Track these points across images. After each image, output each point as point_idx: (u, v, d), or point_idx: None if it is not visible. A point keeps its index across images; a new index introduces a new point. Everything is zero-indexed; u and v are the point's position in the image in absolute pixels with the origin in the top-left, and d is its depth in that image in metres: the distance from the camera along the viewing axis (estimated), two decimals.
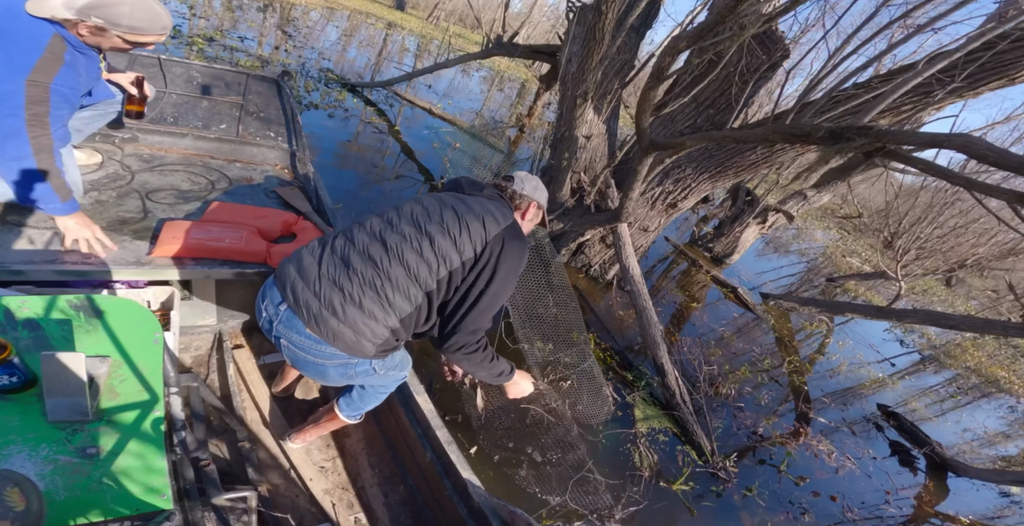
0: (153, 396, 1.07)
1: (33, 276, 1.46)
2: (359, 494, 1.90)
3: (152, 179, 2.04)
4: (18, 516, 0.72)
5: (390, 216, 1.38)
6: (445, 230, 1.31)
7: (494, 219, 1.36)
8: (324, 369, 1.36)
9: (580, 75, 3.14)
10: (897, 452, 3.99)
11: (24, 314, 1.11)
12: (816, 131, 1.83)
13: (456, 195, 1.44)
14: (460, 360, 1.38)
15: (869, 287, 8.62)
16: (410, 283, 1.28)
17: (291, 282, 1.30)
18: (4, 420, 0.95)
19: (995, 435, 5.28)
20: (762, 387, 4.11)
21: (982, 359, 7.76)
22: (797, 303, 5.71)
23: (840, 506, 3.14)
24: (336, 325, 1.25)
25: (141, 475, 0.94)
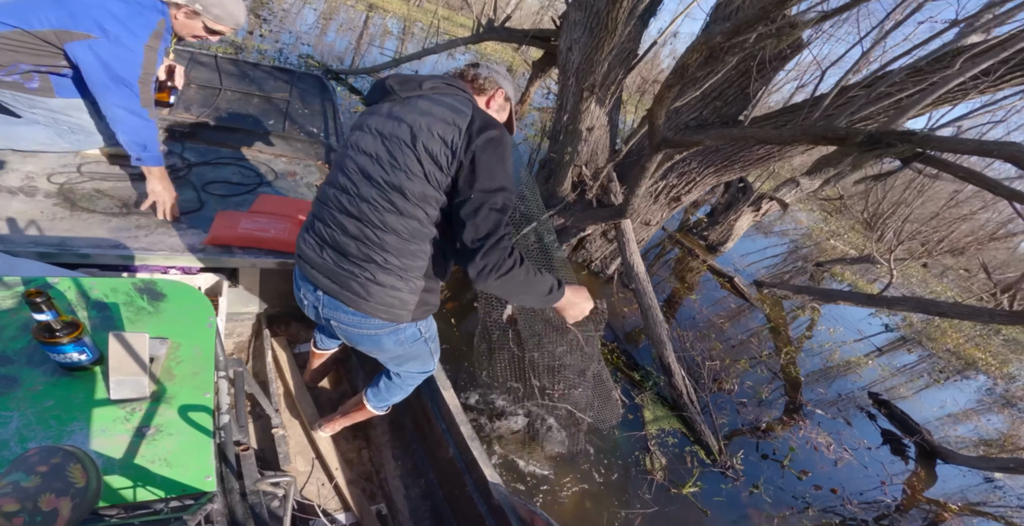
0: (205, 379, 1.10)
1: (99, 260, 1.55)
2: (381, 485, 1.94)
3: (207, 171, 2.14)
4: (77, 492, 0.73)
5: (343, 183, 1.26)
6: (407, 171, 1.18)
7: (446, 121, 1.18)
8: (379, 339, 1.37)
9: (588, 67, 3.02)
10: (889, 441, 4.09)
11: (94, 295, 1.17)
12: (854, 135, 1.76)
13: (391, 111, 1.25)
14: (498, 286, 1.16)
15: (854, 271, 8.76)
16: (410, 241, 1.22)
17: (312, 271, 1.31)
18: (70, 396, 0.98)
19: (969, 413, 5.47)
20: (762, 380, 4.15)
21: (960, 340, 8.01)
22: (791, 291, 5.76)
23: (840, 498, 3.21)
24: (370, 305, 1.26)
25: (189, 456, 0.96)
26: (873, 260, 7.59)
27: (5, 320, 1.07)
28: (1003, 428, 5.33)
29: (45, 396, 0.97)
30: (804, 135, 2.00)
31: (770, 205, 6.16)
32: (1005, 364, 7.92)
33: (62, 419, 0.95)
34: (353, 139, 1.28)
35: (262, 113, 2.63)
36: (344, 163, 1.28)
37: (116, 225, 1.69)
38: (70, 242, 1.55)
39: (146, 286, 1.24)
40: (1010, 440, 4.94)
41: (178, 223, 1.79)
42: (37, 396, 0.97)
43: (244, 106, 2.61)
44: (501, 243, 1.12)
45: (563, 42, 3.77)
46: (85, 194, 1.76)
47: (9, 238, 1.51)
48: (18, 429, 0.91)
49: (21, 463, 0.73)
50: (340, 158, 1.31)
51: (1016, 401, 6.36)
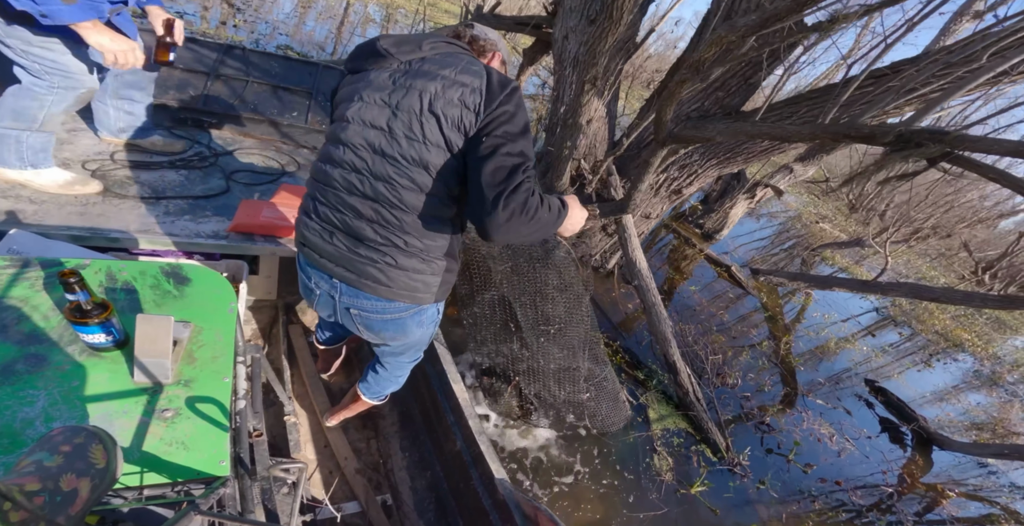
0: (225, 364, 1.11)
1: (127, 244, 1.59)
2: (388, 476, 1.97)
3: (232, 161, 2.21)
4: (97, 473, 0.74)
5: (351, 161, 1.14)
6: (426, 142, 1.08)
7: (463, 84, 1.07)
8: (404, 323, 1.33)
9: (590, 59, 2.89)
10: (887, 429, 4.12)
11: (123, 277, 1.20)
12: (882, 134, 1.68)
13: (395, 78, 1.13)
14: (524, 230, 1.04)
15: (844, 254, 8.81)
16: (431, 220, 1.15)
17: (323, 260, 1.25)
18: (95, 377, 0.99)
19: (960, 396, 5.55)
20: (763, 372, 4.14)
21: (947, 321, 8.12)
22: (786, 278, 5.76)
23: (845, 490, 3.22)
24: (392, 291, 1.22)
25: (205, 441, 0.97)
26: (864, 244, 7.64)
27: (37, 300, 1.09)
28: (992, 410, 5.43)
29: (71, 376, 0.98)
30: (825, 133, 1.92)
31: (765, 192, 6.13)
32: (989, 344, 8.08)
33: (86, 399, 0.95)
34: (352, 112, 1.14)
35: (286, 105, 2.69)
36: (346, 138, 1.15)
37: (145, 211, 1.74)
38: (101, 226, 1.60)
39: (172, 270, 1.26)
40: (1000, 424, 5.03)
41: (204, 211, 1.82)
42: (64, 376, 0.98)
43: (269, 98, 2.68)
44: (524, 185, 1.03)
45: (558, 30, 3.63)
46: (117, 180, 1.82)
47: (44, 221, 1.56)
48: (44, 408, 0.92)
49: (46, 442, 0.73)
50: (337, 132, 1.18)
51: (1003, 382, 6.49)
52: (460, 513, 1.74)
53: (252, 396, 1.28)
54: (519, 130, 1.07)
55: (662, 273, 5.21)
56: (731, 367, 3.93)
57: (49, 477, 0.67)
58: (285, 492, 1.37)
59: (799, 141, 2.09)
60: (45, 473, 0.67)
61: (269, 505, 1.18)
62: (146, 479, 0.89)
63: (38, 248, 1.40)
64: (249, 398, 1.22)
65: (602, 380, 2.80)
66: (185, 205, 1.84)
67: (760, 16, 1.56)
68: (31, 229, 1.48)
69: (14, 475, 0.66)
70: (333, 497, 1.81)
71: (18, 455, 0.82)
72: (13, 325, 1.03)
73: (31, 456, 0.71)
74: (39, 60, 1.48)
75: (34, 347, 1.01)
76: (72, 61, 1.53)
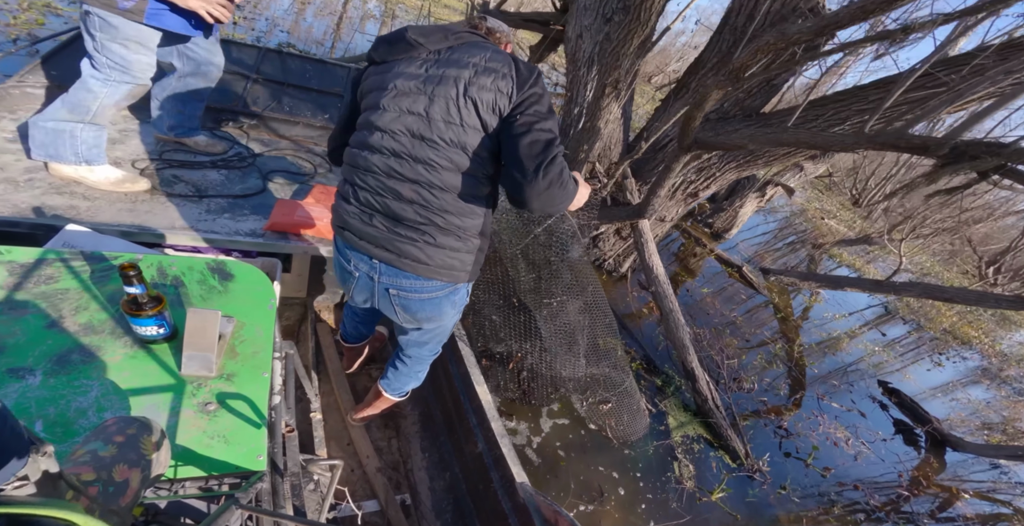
0: (264, 359, 1.12)
1: (172, 240, 1.65)
2: (407, 476, 1.99)
3: (269, 161, 2.28)
4: (147, 464, 0.74)
5: (391, 146, 1.19)
6: (463, 125, 1.14)
7: (494, 70, 1.14)
8: (440, 303, 1.36)
9: (614, 61, 2.84)
10: (901, 431, 4.12)
11: (173, 272, 1.24)
12: (936, 147, 1.63)
13: (427, 67, 1.18)
14: (557, 200, 1.13)
15: (851, 252, 8.78)
16: (468, 199, 1.21)
17: (362, 242, 1.27)
18: (145, 369, 1.02)
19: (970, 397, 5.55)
20: (778, 375, 4.13)
21: (954, 318, 8.11)
22: (798, 278, 5.72)
23: (863, 494, 3.22)
24: (430, 268, 1.25)
25: (245, 435, 0.98)
26: (871, 241, 7.60)
27: (92, 293, 1.12)
28: (1002, 410, 5.42)
29: (123, 367, 1.00)
30: (871, 143, 1.87)
31: (775, 190, 6.07)
32: (996, 341, 8.07)
33: (136, 390, 0.97)
34: (386, 100, 1.19)
35: (320, 107, 2.78)
36: (384, 125, 1.20)
37: (189, 209, 1.81)
38: (149, 223, 1.67)
39: (217, 266, 1.30)
40: (1011, 423, 5.03)
41: (243, 209, 1.89)
42: (116, 367, 1.00)
43: (304, 100, 2.78)
44: (559, 157, 1.12)
45: (571, 29, 3.56)
46: (164, 179, 1.90)
47: (97, 217, 1.63)
48: (97, 398, 0.94)
49: (100, 432, 0.74)
50: (372, 119, 1.22)
51: (1010, 380, 6.49)
52: (478, 515, 1.74)
53: (286, 392, 1.30)
54: (547, 109, 1.16)
55: (670, 270, 5.17)
56: (746, 371, 3.91)
57: (103, 467, 0.68)
58: (311, 488, 1.38)
59: (842, 150, 2.04)
60: (99, 463, 0.68)
61: (296, 501, 1.18)
62: (186, 472, 0.90)
63: (91, 243, 1.45)
64: (283, 394, 1.24)
65: (624, 390, 2.77)
66: (225, 204, 1.91)
67: (818, 23, 1.50)
68: (84, 224, 1.53)
69: (70, 464, 0.67)
70: (354, 495, 1.83)
71: (71, 444, 0.84)
72: (71, 316, 1.06)
73: (86, 445, 0.72)
74: (111, 55, 1.58)
75: (89, 338, 1.03)
76: (139, 60, 1.64)
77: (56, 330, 1.03)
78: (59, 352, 0.99)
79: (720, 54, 3.34)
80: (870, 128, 1.91)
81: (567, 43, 3.65)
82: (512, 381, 2.75)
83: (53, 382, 0.94)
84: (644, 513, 2.49)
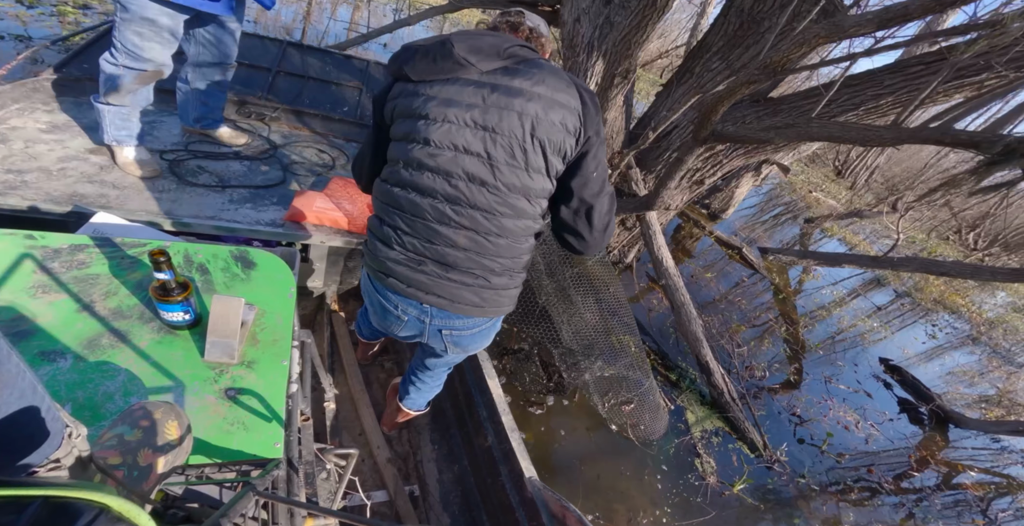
0: (284, 347, 1.13)
1: (196, 229, 1.68)
2: (416, 467, 2.02)
3: (289, 153, 2.33)
4: (171, 449, 0.75)
5: (446, 191, 1.07)
6: (527, 169, 1.05)
7: (561, 104, 1.03)
8: (487, 333, 1.35)
9: (624, 50, 2.70)
10: (906, 410, 4.18)
11: (198, 259, 1.26)
12: (989, 144, 1.56)
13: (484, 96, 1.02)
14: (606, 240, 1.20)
15: (841, 225, 8.84)
16: (522, 241, 1.16)
17: (411, 289, 1.18)
18: (170, 355, 1.03)
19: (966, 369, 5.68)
20: (786, 360, 4.14)
21: (943, 288, 8.26)
22: (796, 256, 5.73)
23: (876, 478, 3.26)
24: (484, 310, 1.21)
25: (264, 422, 0.99)
26: (863, 215, 7.64)
27: (122, 278, 1.14)
28: (996, 382, 5.55)
29: (150, 352, 1.02)
30: (912, 138, 1.79)
31: (770, 169, 6.02)
32: (982, 309, 8.27)
33: (161, 376, 0.99)
34: (438, 135, 1.04)
35: (338, 100, 2.82)
36: (437, 165, 1.06)
37: (213, 199, 1.85)
38: (175, 211, 1.71)
39: (240, 254, 1.32)
40: (1006, 395, 5.15)
41: (264, 200, 1.96)
42: (143, 352, 1.01)
43: (323, 93, 2.82)
44: (613, 206, 1.14)
45: (567, 12, 3.39)
46: (190, 169, 1.96)
47: (125, 205, 1.67)
48: (124, 382, 0.95)
49: (127, 416, 0.75)
50: (418, 156, 1.07)
51: (1000, 349, 6.65)
52: (486, 508, 1.76)
53: (302, 381, 1.30)
54: (603, 146, 1.11)
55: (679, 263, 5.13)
56: (756, 358, 3.91)
57: (128, 451, 0.68)
58: (324, 477, 1.39)
59: (878, 145, 1.96)
60: (125, 447, 0.68)
61: (309, 489, 1.17)
62: (206, 457, 0.90)
63: (120, 230, 1.47)
64: (299, 382, 1.24)
65: (646, 391, 2.73)
66: (247, 194, 1.95)
67: (881, 16, 1.40)
68: (114, 212, 1.57)
69: (98, 448, 0.67)
70: (363, 485, 1.83)
71: (99, 427, 0.86)
72: (100, 301, 1.08)
73: (113, 429, 0.72)
74: (124, 40, 1.62)
75: (118, 323, 1.05)
76: (150, 47, 1.65)
77: (87, 314, 1.04)
78: (89, 336, 1.01)
79: (726, 37, 3.21)
80: (906, 121, 1.83)
81: (563, 27, 3.48)
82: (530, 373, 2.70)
83: (83, 366, 0.95)
84: (670, 511, 2.48)
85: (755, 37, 3.05)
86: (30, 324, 0.99)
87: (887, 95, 2.89)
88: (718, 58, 3.28)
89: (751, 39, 3.09)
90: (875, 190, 13.39)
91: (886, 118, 3.36)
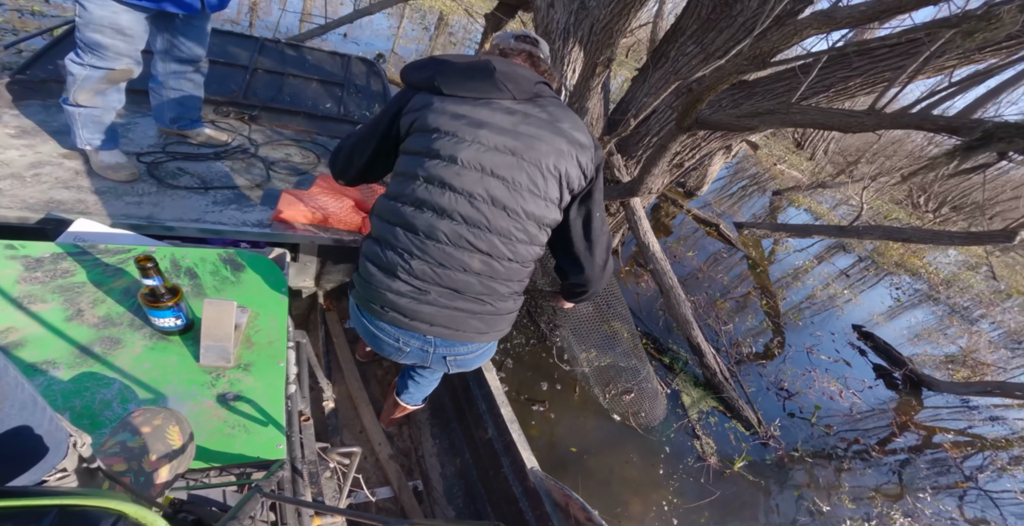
0: (279, 348, 1.13)
1: (180, 232, 1.65)
2: (419, 462, 2.04)
3: (272, 152, 2.27)
4: (175, 454, 0.75)
5: (467, 214, 1.05)
6: (547, 199, 1.10)
7: (581, 144, 1.10)
8: (489, 352, 1.37)
9: (606, 38, 2.65)
10: (882, 376, 4.37)
11: (186, 263, 1.25)
12: (968, 129, 1.59)
13: (514, 122, 1.05)
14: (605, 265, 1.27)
15: (806, 195, 9.08)
16: (528, 266, 1.20)
17: (414, 322, 1.16)
18: (164, 360, 1.03)
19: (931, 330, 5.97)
20: (770, 334, 4.26)
21: (901, 251, 8.62)
22: (769, 229, 5.87)
23: (864, 446, 3.41)
24: (489, 335, 1.23)
25: (263, 424, 0.99)
26: (826, 185, 7.87)
27: (109, 285, 1.13)
28: (959, 341, 5.86)
29: (144, 359, 1.01)
30: (893, 123, 1.81)
31: (740, 146, 6.11)
32: (938, 269, 8.68)
33: (158, 381, 0.98)
34: (467, 154, 1.03)
35: (320, 97, 2.77)
36: (461, 185, 1.04)
37: (196, 201, 1.81)
38: (157, 215, 1.67)
39: (229, 257, 1.31)
40: (970, 355, 5.44)
41: (249, 200, 1.92)
42: (137, 358, 1.01)
43: (304, 90, 2.76)
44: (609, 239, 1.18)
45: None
46: (170, 172, 1.91)
47: (106, 210, 1.62)
48: (120, 390, 0.95)
49: (128, 423, 0.75)
50: (441, 174, 1.04)
51: (959, 308, 7.01)
52: (489, 500, 1.77)
53: (300, 381, 1.30)
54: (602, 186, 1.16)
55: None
56: (741, 334, 4.00)
57: (133, 457, 0.68)
58: (328, 476, 1.41)
59: (860, 131, 1.97)
60: (129, 453, 0.68)
61: (314, 488, 1.19)
62: (209, 461, 0.90)
63: (102, 236, 1.45)
64: (298, 382, 1.24)
65: (644, 378, 2.76)
66: (231, 195, 1.91)
67: (874, 8, 1.39)
68: (94, 218, 1.53)
69: (102, 455, 0.67)
70: (367, 482, 1.85)
71: (99, 435, 0.86)
72: (89, 309, 1.06)
73: (115, 437, 0.72)
74: (86, 39, 1.57)
75: (109, 330, 1.04)
76: (113, 45, 1.60)
77: (76, 323, 1.04)
78: (80, 345, 1.00)
79: (700, 21, 3.19)
80: (885, 107, 1.86)
81: (536, 13, 3.41)
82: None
83: (77, 375, 0.95)
84: (676, 494, 2.53)
85: (728, 21, 3.04)
86: (19, 335, 0.98)
87: (856, 77, 2.94)
88: (692, 42, 3.26)
89: (724, 22, 3.07)
90: (833, 161, 13.77)
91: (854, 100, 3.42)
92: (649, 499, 2.46)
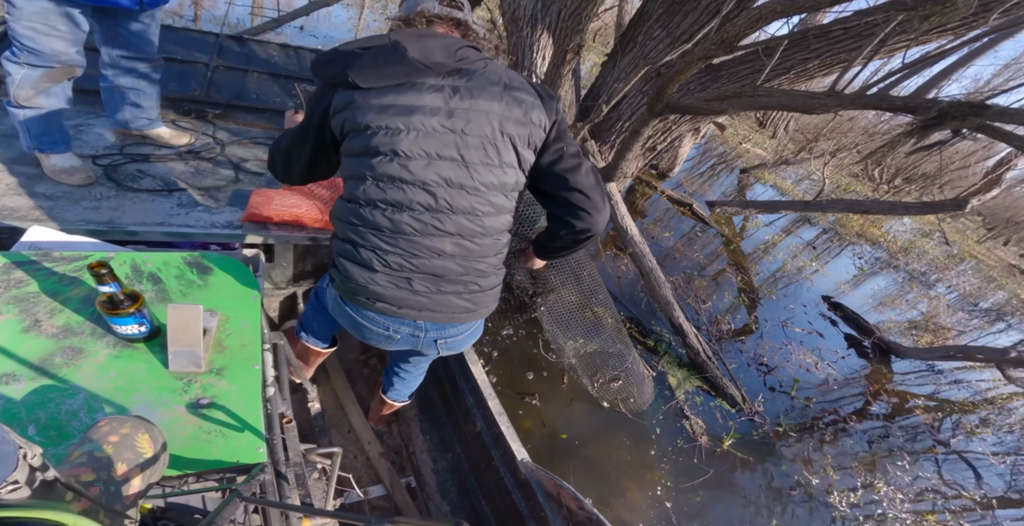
0: (253, 351, 1.12)
1: (144, 236, 1.60)
2: (410, 459, 2.03)
3: (240, 151, 2.20)
4: (147, 462, 0.74)
5: (426, 201, 1.05)
6: (502, 166, 1.07)
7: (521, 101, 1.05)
8: (478, 332, 1.37)
9: (575, 25, 2.62)
10: (853, 345, 4.53)
11: (148, 268, 1.23)
12: (924, 109, 1.64)
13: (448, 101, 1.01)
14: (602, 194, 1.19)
15: (771, 171, 9.28)
16: (502, 236, 1.19)
17: (402, 310, 1.15)
18: (131, 368, 1.01)
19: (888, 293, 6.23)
20: (745, 309, 4.36)
21: (861, 221, 8.93)
22: (739, 207, 6.00)
23: (842, 417, 3.54)
24: (476, 313, 1.22)
25: (241, 428, 0.98)
26: (789, 162, 8.06)
27: (66, 294, 1.10)
28: (917, 303, 6.13)
29: (108, 368, 1.00)
30: (853, 104, 1.86)
31: (708, 127, 6.19)
32: (896, 237, 9.04)
33: (125, 390, 0.97)
34: (406, 144, 1.00)
35: (287, 93, 2.71)
36: (412, 176, 1.03)
37: (159, 204, 1.74)
38: (118, 220, 1.61)
39: (195, 260, 1.28)
40: (931, 320, 5.70)
41: (217, 201, 1.86)
42: (102, 367, 0.99)
43: (270, 87, 2.69)
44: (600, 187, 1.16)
45: None
46: (129, 174, 1.84)
47: (62, 216, 1.56)
48: (86, 400, 0.93)
49: (94, 433, 0.74)
50: (387, 169, 1.02)
51: (917, 274, 7.33)
52: (482, 493, 1.78)
53: (279, 383, 1.28)
54: (566, 123, 1.13)
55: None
56: (720, 312, 4.08)
57: (102, 467, 0.68)
58: (316, 477, 1.40)
59: (822, 112, 2.01)
60: (97, 463, 0.68)
61: (301, 490, 1.18)
62: (186, 468, 0.89)
63: (59, 244, 1.41)
64: (277, 384, 1.23)
65: (631, 364, 2.79)
66: (198, 196, 1.85)
67: None
68: (49, 225, 1.48)
69: (68, 466, 0.67)
70: (359, 481, 1.84)
71: (67, 446, 0.84)
72: (47, 319, 1.04)
73: (81, 447, 0.71)
74: (19, 36, 1.50)
75: (69, 340, 1.02)
76: (50, 42, 1.52)
77: (34, 334, 1.01)
78: (40, 356, 0.98)
79: (665, 4, 3.19)
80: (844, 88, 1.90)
81: (503, 0, 3.34)
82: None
83: (39, 386, 0.93)
84: (669, 476, 2.58)
85: (692, 3, 3.04)
86: None
87: (813, 58, 2.99)
88: (659, 26, 3.25)
89: (688, 5, 3.07)
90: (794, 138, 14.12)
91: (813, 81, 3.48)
92: (644, 483, 2.50)
